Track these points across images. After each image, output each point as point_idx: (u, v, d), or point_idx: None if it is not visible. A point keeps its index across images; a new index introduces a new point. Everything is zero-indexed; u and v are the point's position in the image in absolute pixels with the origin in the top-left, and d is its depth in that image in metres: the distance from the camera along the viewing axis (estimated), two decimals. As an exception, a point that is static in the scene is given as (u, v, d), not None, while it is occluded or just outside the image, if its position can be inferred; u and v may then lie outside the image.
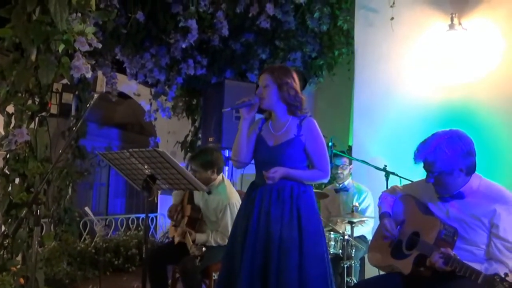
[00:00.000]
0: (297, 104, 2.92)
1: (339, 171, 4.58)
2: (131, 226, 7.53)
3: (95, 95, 2.60)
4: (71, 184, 5.09)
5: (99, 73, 3.90)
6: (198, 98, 7.28)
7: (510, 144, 3.98)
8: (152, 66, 6.27)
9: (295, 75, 2.98)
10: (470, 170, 2.53)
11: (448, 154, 2.47)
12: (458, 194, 2.54)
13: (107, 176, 10.16)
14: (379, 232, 2.88)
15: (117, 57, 6.09)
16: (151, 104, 7.16)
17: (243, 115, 2.94)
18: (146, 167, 2.50)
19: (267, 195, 2.87)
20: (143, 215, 7.92)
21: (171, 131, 7.94)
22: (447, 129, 2.59)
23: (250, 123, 3.02)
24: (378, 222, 2.94)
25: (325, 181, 2.99)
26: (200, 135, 7.31)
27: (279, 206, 2.84)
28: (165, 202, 8.07)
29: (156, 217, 8.15)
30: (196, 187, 2.54)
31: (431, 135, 2.58)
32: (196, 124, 7.40)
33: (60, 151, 2.76)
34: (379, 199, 3.00)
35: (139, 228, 7.57)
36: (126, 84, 7.72)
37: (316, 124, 2.93)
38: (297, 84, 2.95)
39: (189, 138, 7.38)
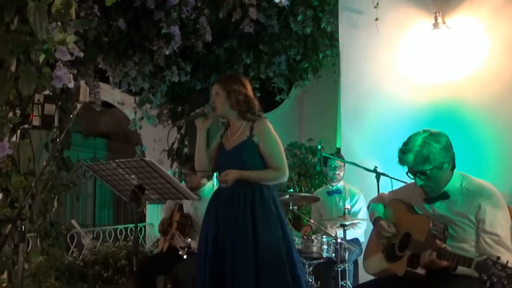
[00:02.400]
0: (246, 109, 2.98)
1: (336, 172, 4.55)
2: (119, 237, 7.41)
3: (78, 105, 2.53)
4: (56, 197, 4.96)
5: (82, 82, 3.83)
6: (183, 105, 7.22)
7: (496, 142, 3.98)
8: (136, 74, 6.20)
9: (245, 82, 3.07)
10: (454, 163, 2.55)
11: (437, 147, 2.48)
12: (443, 194, 2.54)
13: (93, 186, 10.03)
14: (373, 239, 2.87)
15: (99, 66, 6.00)
16: (135, 113, 7.09)
17: (198, 126, 3.01)
18: (133, 177, 2.43)
19: (224, 200, 2.91)
20: (131, 226, 7.82)
21: (156, 139, 7.87)
22: (420, 130, 2.58)
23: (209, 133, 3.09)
24: (370, 225, 2.92)
25: (283, 180, 3.00)
26: (186, 142, 7.25)
27: (234, 210, 2.87)
28: (154, 211, 8.00)
29: (144, 226, 8.05)
30: (186, 196, 2.49)
31: (409, 138, 2.56)
32: (182, 131, 7.33)
33: (44, 163, 2.67)
34: (368, 208, 2.99)
35: (128, 239, 7.45)
36: (110, 93, 7.63)
37: (269, 124, 2.99)
38: (247, 89, 3.03)
39: (175, 146, 7.31)
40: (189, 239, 3.78)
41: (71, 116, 2.50)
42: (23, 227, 2.36)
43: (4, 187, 2.97)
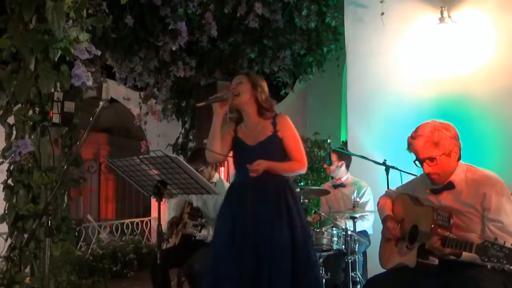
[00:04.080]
0: (268, 106, 3.05)
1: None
2: (125, 231, 7.48)
3: (101, 103, 2.58)
4: (66, 192, 5.02)
5: (109, 82, 3.88)
6: (188, 99, 7.25)
7: (502, 137, 4.02)
8: (141, 70, 6.24)
9: (265, 84, 3.14)
10: (460, 154, 2.60)
11: (447, 134, 2.53)
12: (449, 184, 2.58)
13: (97, 181, 10.08)
14: (384, 236, 2.92)
15: (107, 63, 6.04)
16: (141, 108, 7.13)
17: (216, 110, 3.02)
18: (156, 173, 2.49)
19: (252, 194, 2.92)
20: (137, 220, 7.90)
21: (161, 134, 7.89)
22: (429, 120, 2.62)
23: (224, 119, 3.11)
24: (378, 217, 2.99)
25: (303, 171, 3.08)
26: (191, 137, 7.28)
27: (266, 203, 2.90)
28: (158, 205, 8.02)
29: (149, 220, 8.12)
30: (209, 190, 2.55)
31: (419, 126, 2.60)
32: (187, 125, 7.36)
33: (67, 161, 2.72)
34: (378, 205, 3.05)
35: (134, 233, 7.53)
36: (114, 89, 7.66)
37: (289, 119, 3.06)
38: (267, 92, 3.09)
39: (180, 140, 7.34)
40: (203, 220, 3.83)
41: (94, 114, 2.55)
42: (49, 222, 2.42)
43: (26, 184, 3.03)
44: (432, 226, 2.49)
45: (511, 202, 2.51)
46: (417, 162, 2.63)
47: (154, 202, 8.25)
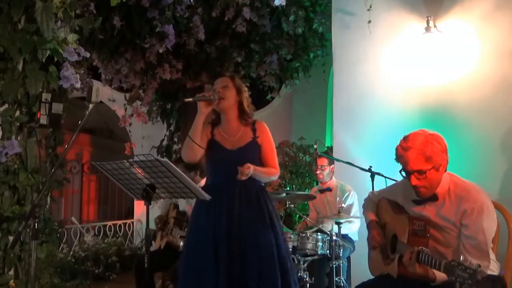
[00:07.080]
0: (248, 112, 3.10)
1: (318, 172, 4.64)
2: (108, 233, 7.42)
3: (90, 106, 2.57)
4: (49, 194, 4.96)
5: (94, 83, 3.86)
6: (173, 102, 7.24)
7: (487, 145, 4.05)
8: (127, 71, 6.22)
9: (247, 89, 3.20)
10: (446, 167, 2.54)
11: (438, 148, 2.47)
12: (433, 196, 2.54)
13: (80, 183, 9.98)
14: (369, 244, 2.89)
15: (93, 64, 6.00)
16: (126, 110, 7.09)
17: (201, 109, 2.99)
18: (146, 176, 2.48)
19: (235, 197, 2.92)
20: (119, 222, 7.84)
21: (145, 135, 7.86)
22: (418, 129, 2.56)
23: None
24: (364, 223, 3.01)
25: (276, 178, 3.19)
26: (175, 139, 7.27)
27: (250, 208, 2.92)
28: (141, 207, 8.00)
29: (132, 222, 8.07)
30: (198, 195, 2.55)
31: (409, 135, 2.53)
32: (172, 128, 7.35)
33: (51, 162, 2.70)
34: (363, 207, 3.06)
35: (117, 235, 7.47)
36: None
37: (266, 125, 3.15)
38: (248, 97, 3.16)
39: (164, 143, 7.32)
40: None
41: (83, 116, 2.54)
42: (36, 224, 2.41)
43: (11, 185, 2.99)
44: (409, 236, 2.47)
45: (490, 220, 2.46)
46: (403, 172, 2.56)
47: (137, 204, 8.22)
